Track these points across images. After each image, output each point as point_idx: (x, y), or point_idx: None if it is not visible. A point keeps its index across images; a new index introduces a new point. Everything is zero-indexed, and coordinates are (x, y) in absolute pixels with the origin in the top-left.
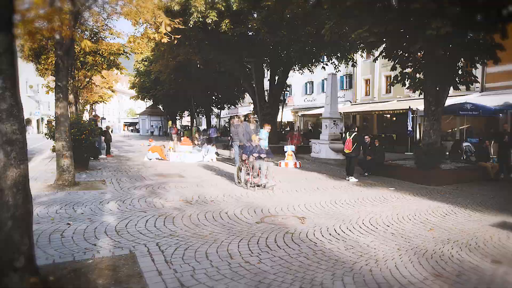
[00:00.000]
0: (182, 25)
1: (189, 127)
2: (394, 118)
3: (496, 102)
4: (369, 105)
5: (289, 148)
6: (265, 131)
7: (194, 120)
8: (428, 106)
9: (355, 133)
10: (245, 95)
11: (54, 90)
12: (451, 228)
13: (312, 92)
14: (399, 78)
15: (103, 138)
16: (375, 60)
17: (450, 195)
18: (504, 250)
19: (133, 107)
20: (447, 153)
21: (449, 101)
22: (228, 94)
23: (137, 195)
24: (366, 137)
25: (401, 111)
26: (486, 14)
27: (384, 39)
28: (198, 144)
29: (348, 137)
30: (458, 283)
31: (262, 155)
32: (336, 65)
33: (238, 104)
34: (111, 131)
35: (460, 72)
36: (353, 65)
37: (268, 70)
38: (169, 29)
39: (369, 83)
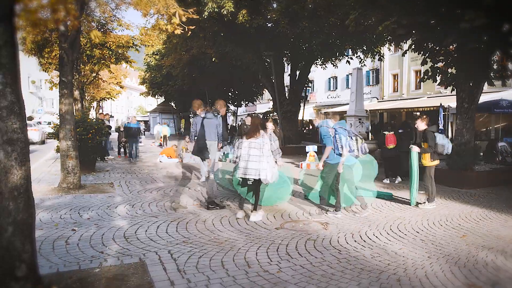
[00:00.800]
0: (196, 16)
1: None
2: (424, 116)
3: None
4: (397, 102)
5: (311, 149)
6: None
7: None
8: (461, 103)
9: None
10: (263, 91)
11: (58, 85)
12: (485, 235)
13: (336, 88)
14: (429, 73)
15: (109, 137)
16: (403, 53)
17: (484, 199)
18: None
19: (143, 104)
20: (481, 153)
21: (483, 98)
22: (245, 90)
23: (148, 199)
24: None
25: (432, 109)
26: None
27: (413, 31)
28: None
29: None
30: None
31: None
32: (361, 59)
33: (256, 101)
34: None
35: (495, 66)
36: (380, 59)
37: (288, 64)
38: (183, 19)
39: (397, 79)
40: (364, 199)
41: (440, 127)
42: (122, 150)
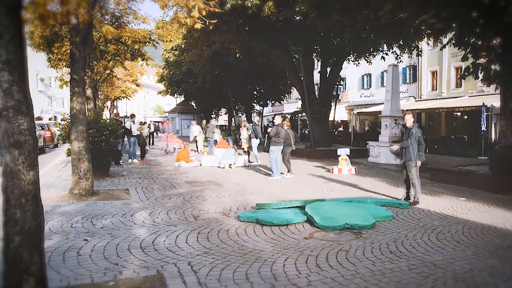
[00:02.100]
0: (218, 9)
1: (226, 127)
2: (466, 117)
3: None
4: (436, 102)
5: (343, 152)
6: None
7: (233, 118)
8: (505, 102)
9: None
10: (291, 90)
11: (69, 83)
12: None
13: (370, 86)
14: (471, 70)
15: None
16: (442, 48)
17: None
18: None
19: (161, 103)
20: None
21: None
22: (272, 88)
23: (166, 206)
24: None
25: (474, 109)
26: None
27: (453, 25)
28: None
29: None
30: None
31: None
32: (397, 55)
33: (283, 101)
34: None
35: None
36: (418, 55)
37: (318, 61)
38: (203, 13)
39: (436, 76)
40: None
41: (482, 128)
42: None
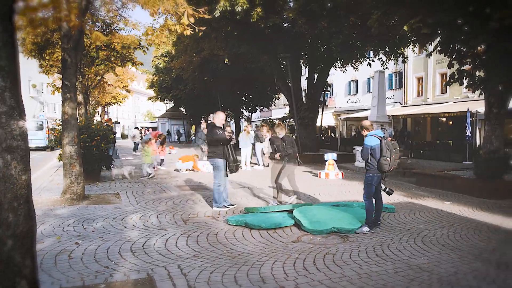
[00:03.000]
0: (207, 15)
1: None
2: (451, 122)
3: None
4: (421, 107)
5: (330, 157)
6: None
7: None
8: (490, 108)
9: None
10: (279, 96)
11: (60, 89)
12: None
13: (356, 92)
14: (456, 76)
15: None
16: (428, 55)
17: None
18: None
19: (151, 109)
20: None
21: None
22: (260, 94)
23: (156, 210)
24: None
25: (459, 114)
26: None
27: (439, 31)
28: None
29: None
30: None
31: None
32: (384, 61)
33: (271, 106)
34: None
35: None
36: (404, 61)
37: (306, 67)
38: (192, 20)
39: (421, 82)
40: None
41: (467, 134)
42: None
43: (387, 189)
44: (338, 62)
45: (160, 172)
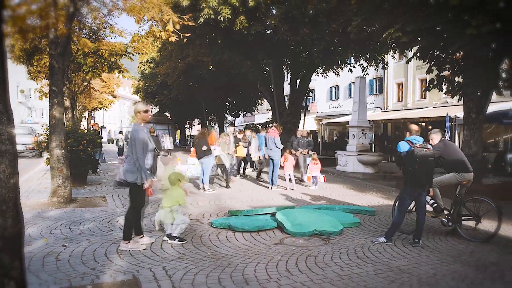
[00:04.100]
0: (191, 23)
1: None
2: (430, 127)
3: None
4: (401, 112)
5: (308, 161)
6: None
7: (206, 128)
8: (468, 113)
9: None
10: (262, 101)
11: (48, 95)
12: (494, 251)
13: (338, 97)
14: (435, 82)
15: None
16: (408, 61)
17: (493, 213)
18: None
19: None
20: (489, 166)
21: (491, 108)
22: (243, 99)
23: (142, 213)
24: None
25: (438, 119)
26: None
27: (418, 39)
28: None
29: None
30: None
31: None
32: (364, 68)
33: (254, 111)
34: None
35: (504, 75)
36: (384, 68)
37: (288, 73)
38: (177, 27)
39: (401, 88)
40: None
41: (446, 138)
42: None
43: (435, 205)
44: (320, 68)
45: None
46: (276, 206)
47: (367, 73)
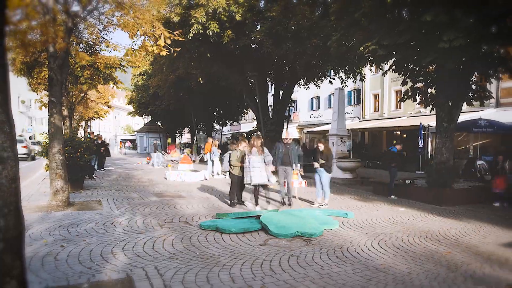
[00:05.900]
0: (181, 37)
1: (189, 144)
2: (405, 135)
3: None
4: (378, 121)
5: (294, 166)
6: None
7: (195, 137)
8: (440, 122)
9: None
10: (248, 111)
11: (47, 105)
12: (464, 251)
13: (319, 108)
14: (409, 93)
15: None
16: (384, 74)
17: (463, 216)
18: None
19: (130, 123)
20: (461, 171)
21: (462, 117)
22: (230, 109)
23: (135, 216)
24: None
25: (412, 128)
26: (501, 26)
27: (394, 52)
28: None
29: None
30: None
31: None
32: (343, 80)
33: (240, 120)
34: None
35: (473, 86)
36: (361, 80)
37: (272, 84)
38: (168, 41)
39: (378, 98)
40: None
41: (420, 146)
42: None
43: None
44: (302, 80)
45: (143, 180)
46: (261, 209)
47: (345, 85)
